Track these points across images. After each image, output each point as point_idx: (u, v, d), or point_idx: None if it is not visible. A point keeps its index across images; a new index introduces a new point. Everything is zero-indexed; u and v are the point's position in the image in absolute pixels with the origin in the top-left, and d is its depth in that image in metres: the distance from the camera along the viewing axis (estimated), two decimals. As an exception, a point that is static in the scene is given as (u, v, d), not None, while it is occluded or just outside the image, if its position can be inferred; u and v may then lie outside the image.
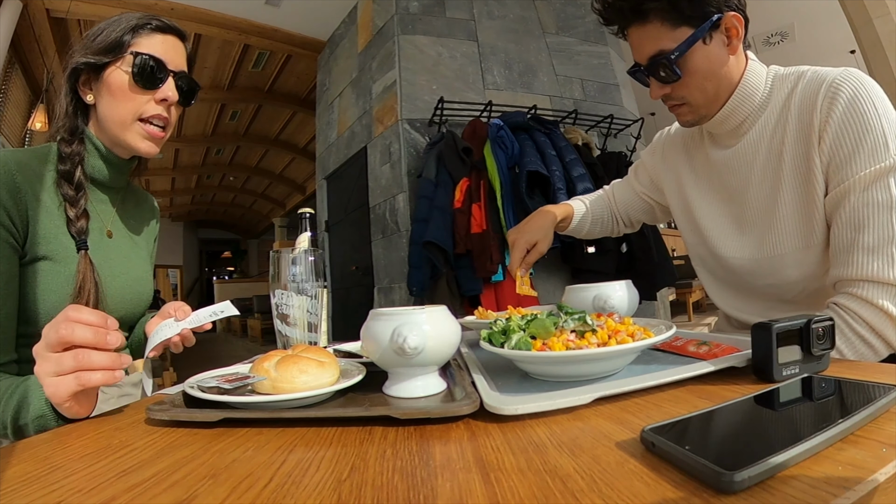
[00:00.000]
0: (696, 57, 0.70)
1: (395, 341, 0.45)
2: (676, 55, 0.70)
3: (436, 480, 0.30)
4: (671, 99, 0.77)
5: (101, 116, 0.72)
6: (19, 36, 3.44)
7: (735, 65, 0.73)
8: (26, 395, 0.51)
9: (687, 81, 0.73)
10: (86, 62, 0.70)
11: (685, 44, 0.69)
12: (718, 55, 0.71)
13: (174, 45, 0.74)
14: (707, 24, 0.68)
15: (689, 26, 0.69)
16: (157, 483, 0.32)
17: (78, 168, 0.70)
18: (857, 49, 2.55)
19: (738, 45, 0.72)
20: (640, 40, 0.73)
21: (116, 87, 0.70)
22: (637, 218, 1.09)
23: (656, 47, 0.71)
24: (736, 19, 0.70)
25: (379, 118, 3.07)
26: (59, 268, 0.66)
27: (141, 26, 0.71)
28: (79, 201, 0.69)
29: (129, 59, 0.70)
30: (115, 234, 0.78)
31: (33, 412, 0.50)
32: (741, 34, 0.71)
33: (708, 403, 0.38)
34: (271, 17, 3.87)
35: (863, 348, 0.65)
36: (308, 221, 0.75)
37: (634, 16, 0.72)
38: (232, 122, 6.49)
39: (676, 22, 0.69)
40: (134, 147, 0.73)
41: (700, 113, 0.77)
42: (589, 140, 2.75)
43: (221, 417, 0.44)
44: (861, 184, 0.65)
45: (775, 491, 0.25)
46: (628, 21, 0.74)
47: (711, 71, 0.72)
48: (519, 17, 3.20)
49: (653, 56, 0.72)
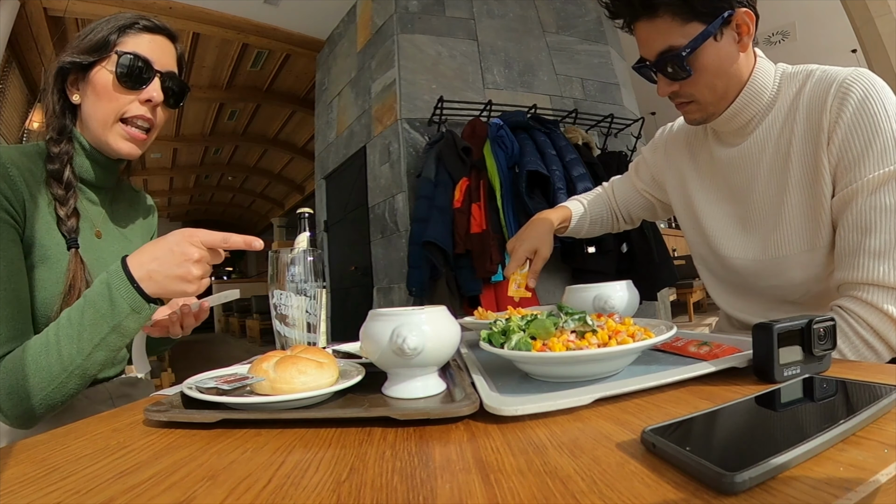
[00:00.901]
0: (706, 54, 0.69)
1: (394, 342, 0.44)
2: (687, 52, 0.68)
3: (435, 482, 0.30)
4: (679, 97, 0.75)
5: (85, 116, 0.72)
6: (16, 35, 3.44)
7: (745, 62, 0.72)
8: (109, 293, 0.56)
9: (696, 79, 0.71)
10: (72, 61, 0.70)
11: (696, 40, 0.67)
12: (729, 52, 0.69)
13: (162, 46, 0.74)
14: (718, 21, 0.66)
15: (700, 22, 0.67)
16: (156, 484, 0.32)
17: (67, 167, 0.70)
18: (859, 48, 2.55)
19: (748, 43, 0.70)
20: (649, 35, 0.71)
21: (101, 86, 0.70)
22: (637, 215, 1.08)
23: (666, 43, 0.69)
24: (747, 16, 0.68)
25: (378, 117, 3.06)
26: (49, 266, 0.66)
27: (129, 26, 0.71)
28: (68, 200, 0.69)
29: (114, 59, 0.69)
30: (105, 235, 0.78)
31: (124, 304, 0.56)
32: (752, 31, 0.69)
33: (709, 404, 0.38)
34: (270, 15, 3.87)
35: (866, 352, 0.64)
36: (307, 221, 0.75)
37: (644, 9, 0.70)
38: (230, 121, 6.49)
39: (687, 17, 0.67)
40: (115, 148, 0.73)
41: (708, 111, 0.76)
42: (589, 139, 2.75)
43: (220, 418, 0.44)
44: (869, 187, 0.65)
45: (776, 492, 0.25)
46: (637, 15, 0.72)
47: (722, 68, 0.70)
48: (519, 16, 3.20)
49: (662, 52, 0.70)
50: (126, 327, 0.57)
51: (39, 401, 0.57)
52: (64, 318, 0.57)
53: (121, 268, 0.57)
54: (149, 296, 0.57)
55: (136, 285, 0.56)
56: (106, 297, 0.56)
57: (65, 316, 0.58)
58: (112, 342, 0.57)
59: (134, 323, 0.58)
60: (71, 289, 0.66)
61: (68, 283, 0.66)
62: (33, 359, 0.56)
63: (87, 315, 0.56)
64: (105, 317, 0.56)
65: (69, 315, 0.57)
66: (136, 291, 0.56)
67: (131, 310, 0.57)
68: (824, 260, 0.72)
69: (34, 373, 0.56)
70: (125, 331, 0.57)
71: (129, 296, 0.56)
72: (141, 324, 0.59)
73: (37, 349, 0.57)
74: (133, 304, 0.56)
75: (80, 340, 0.56)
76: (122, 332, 0.57)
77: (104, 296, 0.56)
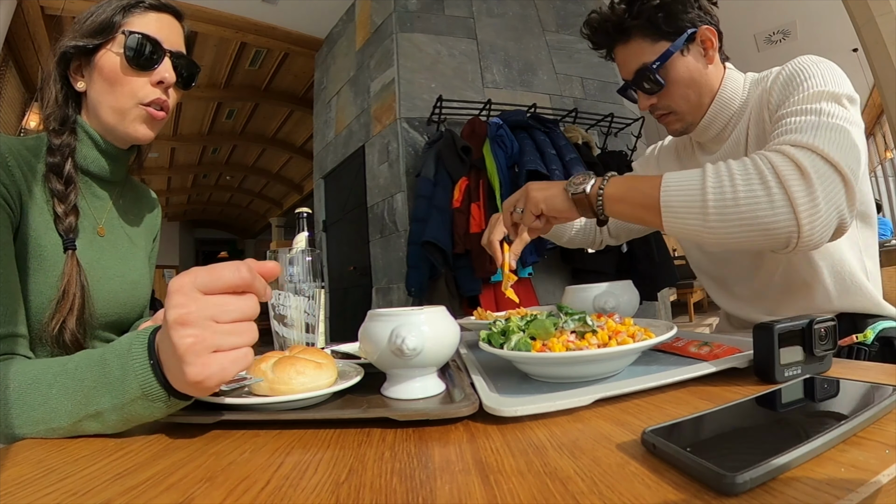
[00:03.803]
0: (676, 67, 0.77)
1: (393, 342, 0.44)
2: (658, 65, 0.77)
3: (434, 483, 0.30)
4: (658, 109, 0.83)
5: (95, 103, 0.68)
6: (13, 33, 3.42)
7: (714, 73, 0.80)
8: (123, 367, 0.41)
9: (670, 90, 0.79)
10: (75, 46, 0.65)
11: (664, 55, 0.76)
12: (696, 65, 0.78)
13: (170, 24, 0.70)
14: (683, 37, 0.76)
15: (667, 41, 0.76)
16: (154, 486, 0.32)
17: (68, 161, 0.66)
18: (860, 47, 2.54)
19: (713, 56, 0.79)
20: (626, 57, 0.81)
21: (109, 70, 0.66)
22: (623, 231, 1.05)
23: (640, 61, 0.78)
24: (710, 32, 0.77)
25: (377, 117, 3.06)
26: (45, 268, 0.62)
27: (133, 5, 0.67)
28: (68, 196, 0.65)
29: (121, 40, 0.65)
30: (108, 233, 0.74)
31: (134, 388, 0.40)
32: (716, 45, 0.78)
33: (709, 405, 0.38)
34: (268, 14, 3.86)
35: (758, 186, 0.57)
36: (305, 221, 0.74)
37: (618, 34, 0.80)
38: (228, 120, 6.47)
39: (656, 37, 0.77)
40: (131, 134, 0.69)
41: (687, 120, 0.82)
42: (589, 139, 2.74)
43: (218, 419, 0.44)
44: (794, 106, 0.66)
45: (777, 493, 0.25)
46: (614, 41, 0.82)
47: (692, 79, 0.78)
48: (518, 15, 3.20)
49: (637, 70, 0.79)
50: (131, 412, 0.42)
51: (14, 431, 0.44)
52: (71, 364, 0.45)
53: (149, 336, 0.42)
54: (172, 387, 0.41)
55: (156, 365, 0.41)
56: (119, 363, 0.42)
57: (73, 361, 0.45)
58: (110, 421, 0.42)
59: (144, 410, 0.41)
60: (65, 295, 0.62)
61: (62, 289, 0.62)
62: (18, 389, 0.44)
63: (91, 375, 0.43)
64: (108, 387, 0.42)
65: (77, 363, 0.45)
66: (153, 373, 0.41)
67: (142, 393, 0.41)
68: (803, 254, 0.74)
69: (17, 403, 0.44)
70: (129, 415, 0.42)
71: (144, 375, 0.41)
72: (156, 415, 0.42)
73: (26, 380, 0.45)
74: (146, 386, 0.41)
75: (75, 400, 0.42)
76: (126, 415, 0.42)
77: (120, 357, 0.42)
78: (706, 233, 0.59)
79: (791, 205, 0.55)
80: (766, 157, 0.58)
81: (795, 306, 0.79)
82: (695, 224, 0.59)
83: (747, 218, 0.56)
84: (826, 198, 0.55)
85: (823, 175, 0.56)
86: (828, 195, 0.56)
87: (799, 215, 0.55)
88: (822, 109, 0.62)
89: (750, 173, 0.57)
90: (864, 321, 0.75)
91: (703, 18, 0.77)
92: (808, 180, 0.55)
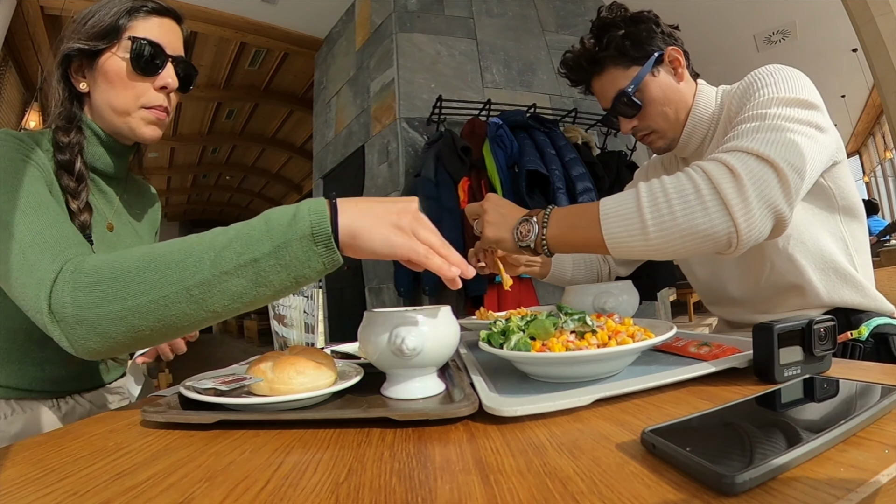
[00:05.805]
0: (650, 87, 0.82)
1: (393, 342, 0.44)
2: (632, 88, 0.81)
3: (434, 483, 0.30)
4: (640, 130, 0.86)
5: (98, 105, 0.69)
6: (13, 33, 3.42)
7: (686, 89, 0.84)
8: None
9: (648, 110, 0.83)
10: (79, 48, 0.66)
11: (637, 78, 0.81)
12: (669, 83, 0.83)
13: (171, 29, 0.71)
14: (652, 60, 0.81)
15: (638, 65, 0.81)
16: (153, 486, 0.32)
17: (78, 158, 0.67)
18: (860, 47, 2.54)
19: (683, 73, 0.83)
20: (602, 87, 0.86)
21: (114, 74, 0.67)
22: (621, 263, 1.04)
23: (615, 88, 0.83)
24: (676, 52, 0.82)
25: (377, 117, 3.05)
26: None
27: (137, 9, 0.68)
28: (80, 193, 0.65)
29: (127, 45, 0.66)
30: (116, 227, 0.75)
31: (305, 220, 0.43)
32: (684, 63, 0.83)
33: (709, 405, 0.38)
34: (268, 14, 3.85)
35: (691, 196, 0.57)
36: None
37: (592, 66, 0.85)
38: (228, 120, 6.47)
39: (627, 64, 0.82)
40: (138, 134, 0.70)
41: (668, 136, 0.86)
42: (589, 139, 2.74)
43: (218, 419, 0.44)
44: (744, 114, 0.67)
45: (777, 493, 0.25)
46: (589, 74, 0.87)
47: (666, 97, 0.82)
48: (518, 15, 3.19)
49: (615, 97, 0.83)
50: (292, 256, 0.42)
51: (125, 311, 0.42)
52: (207, 234, 0.46)
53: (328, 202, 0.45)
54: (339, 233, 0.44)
55: (334, 206, 0.44)
56: (289, 213, 0.44)
57: (209, 232, 0.46)
58: (265, 271, 0.42)
59: (303, 254, 0.43)
60: None
61: None
62: (143, 254, 0.45)
63: (250, 227, 0.44)
64: (269, 233, 0.43)
65: (215, 230, 0.46)
66: (329, 210, 0.44)
67: (310, 232, 0.43)
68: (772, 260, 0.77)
69: (136, 270, 0.43)
70: (285, 260, 0.43)
71: (318, 212, 0.44)
72: (312, 265, 0.44)
73: (149, 248, 0.46)
74: (316, 224, 0.43)
75: (223, 249, 0.43)
76: (282, 260, 0.43)
77: (286, 212, 0.44)
78: (651, 250, 0.60)
79: (725, 207, 0.56)
80: (699, 166, 0.60)
81: (788, 305, 0.79)
82: (638, 244, 0.60)
83: (685, 228, 0.57)
84: (758, 193, 0.56)
85: (753, 172, 0.57)
86: (759, 191, 0.56)
87: (734, 215, 0.56)
88: (768, 114, 0.64)
89: (683, 185, 0.59)
90: (859, 317, 0.75)
91: (667, 41, 0.83)
92: (739, 180, 0.56)
